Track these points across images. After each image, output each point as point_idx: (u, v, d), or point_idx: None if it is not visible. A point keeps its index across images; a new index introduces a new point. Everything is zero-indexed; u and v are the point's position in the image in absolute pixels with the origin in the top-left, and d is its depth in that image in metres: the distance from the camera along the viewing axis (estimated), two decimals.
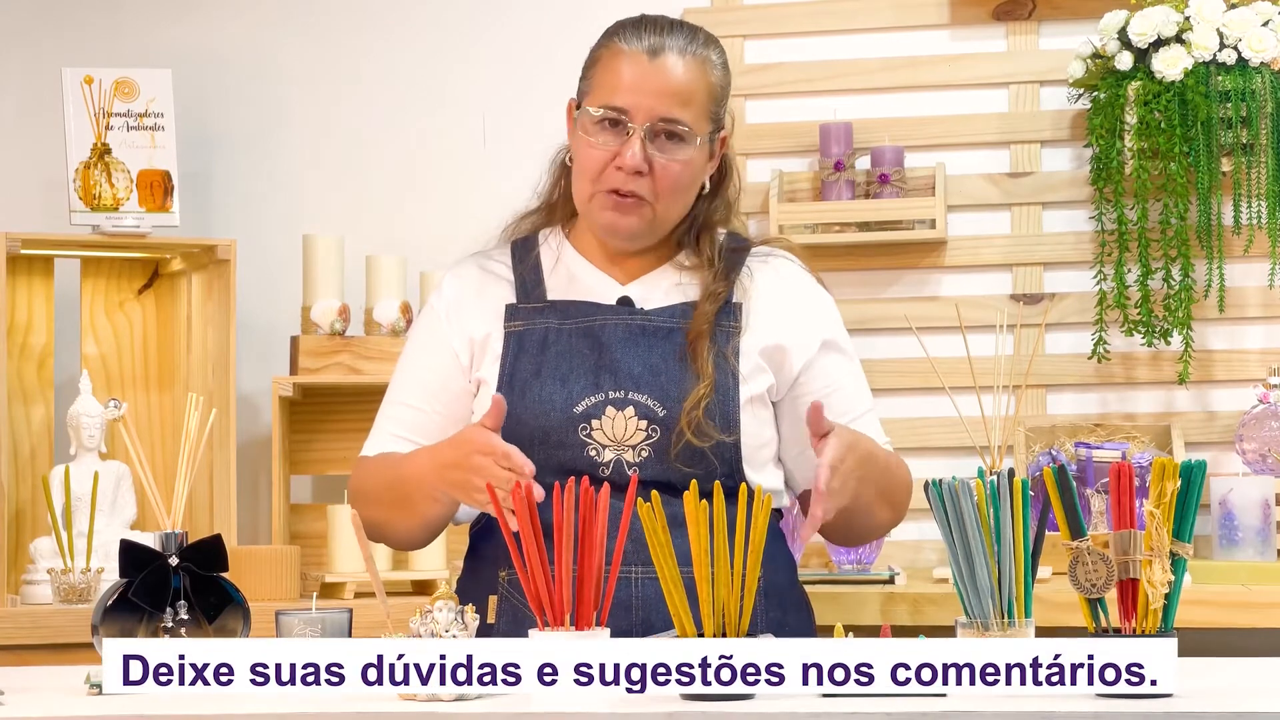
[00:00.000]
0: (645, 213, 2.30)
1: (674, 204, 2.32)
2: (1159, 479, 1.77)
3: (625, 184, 2.28)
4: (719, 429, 2.25)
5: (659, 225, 2.33)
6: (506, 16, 3.52)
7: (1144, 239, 3.21)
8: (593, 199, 2.31)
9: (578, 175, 2.34)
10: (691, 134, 2.29)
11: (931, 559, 3.30)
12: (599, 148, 2.29)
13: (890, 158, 3.31)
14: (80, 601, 2.99)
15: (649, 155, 2.27)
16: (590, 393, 2.26)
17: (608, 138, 2.28)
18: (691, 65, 2.29)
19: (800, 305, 2.38)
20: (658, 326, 2.30)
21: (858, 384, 2.38)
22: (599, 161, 2.29)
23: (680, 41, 2.30)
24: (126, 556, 1.98)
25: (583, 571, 1.84)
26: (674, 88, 2.28)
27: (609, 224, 2.31)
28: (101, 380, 3.36)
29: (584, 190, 2.32)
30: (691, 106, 2.29)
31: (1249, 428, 3.14)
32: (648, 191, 2.29)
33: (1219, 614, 2.80)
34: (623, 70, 2.28)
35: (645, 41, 2.29)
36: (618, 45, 2.31)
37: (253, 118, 3.56)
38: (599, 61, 2.33)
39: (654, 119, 2.27)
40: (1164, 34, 3.15)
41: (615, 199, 2.29)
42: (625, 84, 2.28)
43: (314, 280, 3.30)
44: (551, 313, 2.33)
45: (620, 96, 2.28)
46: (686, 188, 2.32)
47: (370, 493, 2.32)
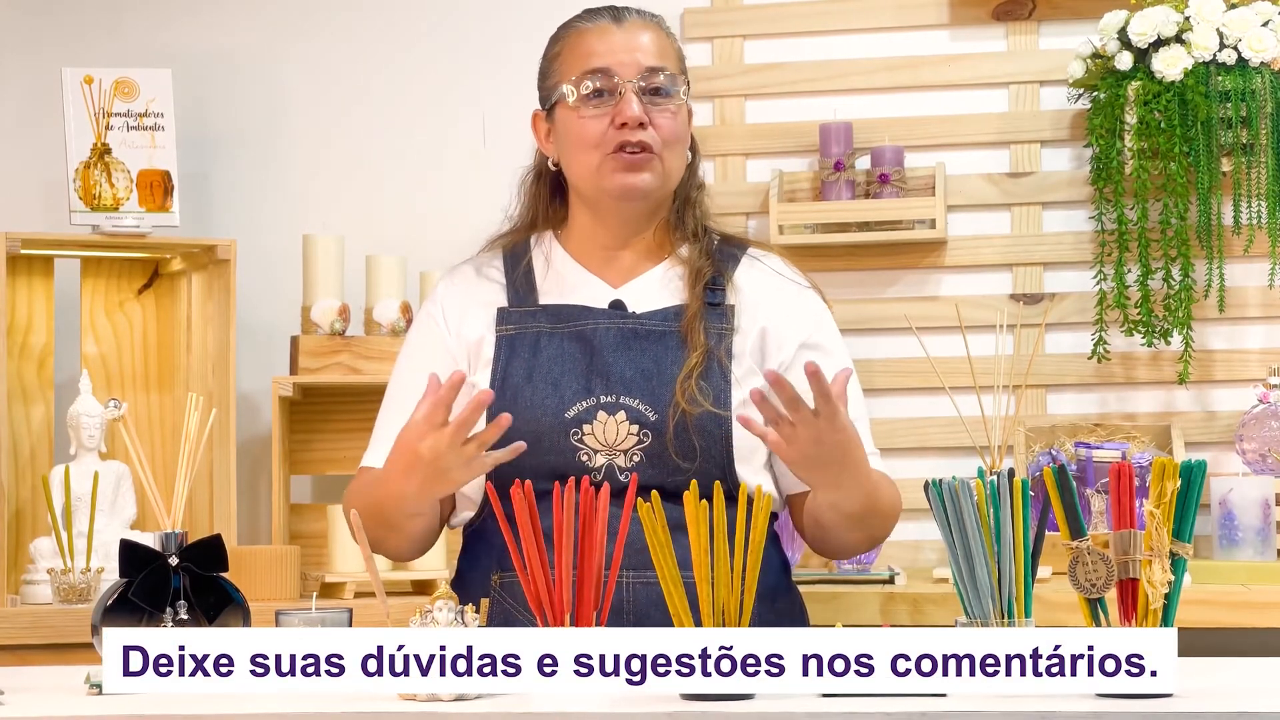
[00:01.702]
0: (655, 165, 2.33)
1: (676, 155, 2.35)
2: (1159, 479, 1.77)
3: (632, 136, 2.30)
4: (711, 400, 2.25)
5: (667, 181, 2.36)
6: (507, 17, 3.52)
7: (1144, 239, 3.21)
8: (600, 166, 2.32)
9: (577, 151, 2.34)
10: (675, 84, 2.34)
11: (931, 559, 3.30)
12: (593, 117, 2.31)
13: (890, 158, 3.31)
14: (80, 601, 2.99)
15: (645, 108, 2.30)
16: (582, 397, 2.26)
17: (598, 106, 2.31)
18: (656, 30, 2.37)
19: (784, 305, 2.38)
20: (649, 330, 2.30)
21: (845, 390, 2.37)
22: (598, 128, 2.31)
23: (636, 12, 2.38)
24: (126, 556, 1.98)
25: (582, 573, 1.84)
26: (648, 43, 2.34)
27: (623, 185, 2.32)
28: (101, 380, 3.36)
29: (588, 162, 2.33)
30: (668, 59, 2.35)
31: (1249, 428, 3.14)
32: (654, 142, 2.31)
33: (1219, 614, 2.80)
34: (593, 42, 2.34)
35: (605, 15, 2.36)
36: (579, 26, 2.37)
37: (253, 118, 3.56)
38: (562, 52, 2.37)
39: (640, 71, 2.31)
40: (1164, 34, 3.15)
41: (625, 158, 2.30)
42: (600, 50, 2.33)
43: (314, 280, 3.30)
44: (543, 316, 2.33)
45: (600, 60, 2.32)
46: (683, 138, 2.37)
47: (362, 514, 2.31)
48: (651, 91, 2.31)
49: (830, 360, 2.33)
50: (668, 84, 2.32)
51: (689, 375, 2.25)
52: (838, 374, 2.09)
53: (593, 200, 2.36)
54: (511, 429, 2.25)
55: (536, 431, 2.24)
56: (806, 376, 2.01)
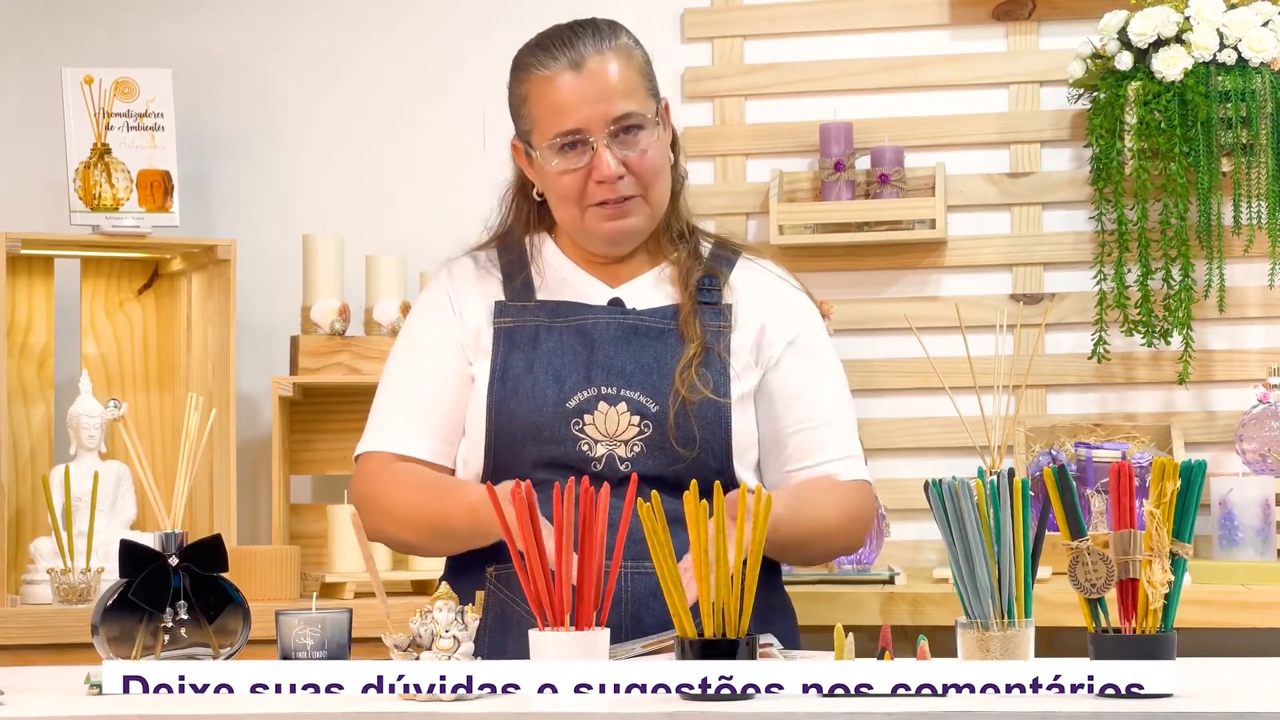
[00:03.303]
0: (640, 207, 2.33)
1: (660, 187, 2.35)
2: (1159, 479, 1.77)
3: (612, 193, 2.30)
4: (711, 389, 2.25)
5: (655, 212, 2.36)
6: (507, 16, 3.52)
7: (1144, 239, 3.21)
8: (585, 218, 2.32)
9: (560, 204, 2.34)
10: (647, 119, 2.31)
11: (931, 559, 3.30)
12: (569, 172, 2.30)
13: (890, 158, 3.31)
14: (80, 601, 2.99)
15: (620, 157, 2.28)
16: (583, 387, 2.27)
17: (573, 159, 2.30)
18: (614, 58, 2.31)
19: (778, 304, 2.39)
20: (649, 326, 2.31)
21: (823, 390, 2.36)
22: (576, 184, 2.31)
23: (592, 42, 2.31)
24: (126, 556, 1.97)
25: (583, 571, 1.84)
26: (611, 87, 2.29)
27: (612, 233, 2.33)
28: (101, 380, 3.36)
29: (572, 215, 2.33)
30: (634, 95, 2.31)
31: (1249, 428, 3.14)
32: (635, 188, 2.31)
33: (1219, 614, 2.80)
34: (556, 94, 2.29)
35: (563, 58, 2.30)
36: (538, 73, 2.32)
37: (253, 118, 3.56)
38: (528, 98, 2.34)
39: (608, 123, 2.28)
40: (1164, 34, 3.15)
41: (610, 209, 2.31)
42: (565, 105, 2.29)
43: (314, 280, 3.30)
44: (541, 311, 2.34)
45: (568, 119, 2.29)
46: (664, 167, 2.35)
47: (403, 516, 2.30)
48: (624, 131, 2.30)
49: (811, 363, 2.35)
50: (638, 122, 2.30)
51: (688, 365, 2.26)
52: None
53: (583, 242, 2.37)
54: (512, 418, 2.26)
55: (538, 422, 2.25)
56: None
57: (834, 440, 2.34)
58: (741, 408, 2.30)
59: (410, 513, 2.29)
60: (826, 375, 2.37)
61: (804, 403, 2.33)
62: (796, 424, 2.33)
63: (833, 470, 2.34)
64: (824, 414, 2.34)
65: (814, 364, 2.36)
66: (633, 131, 2.30)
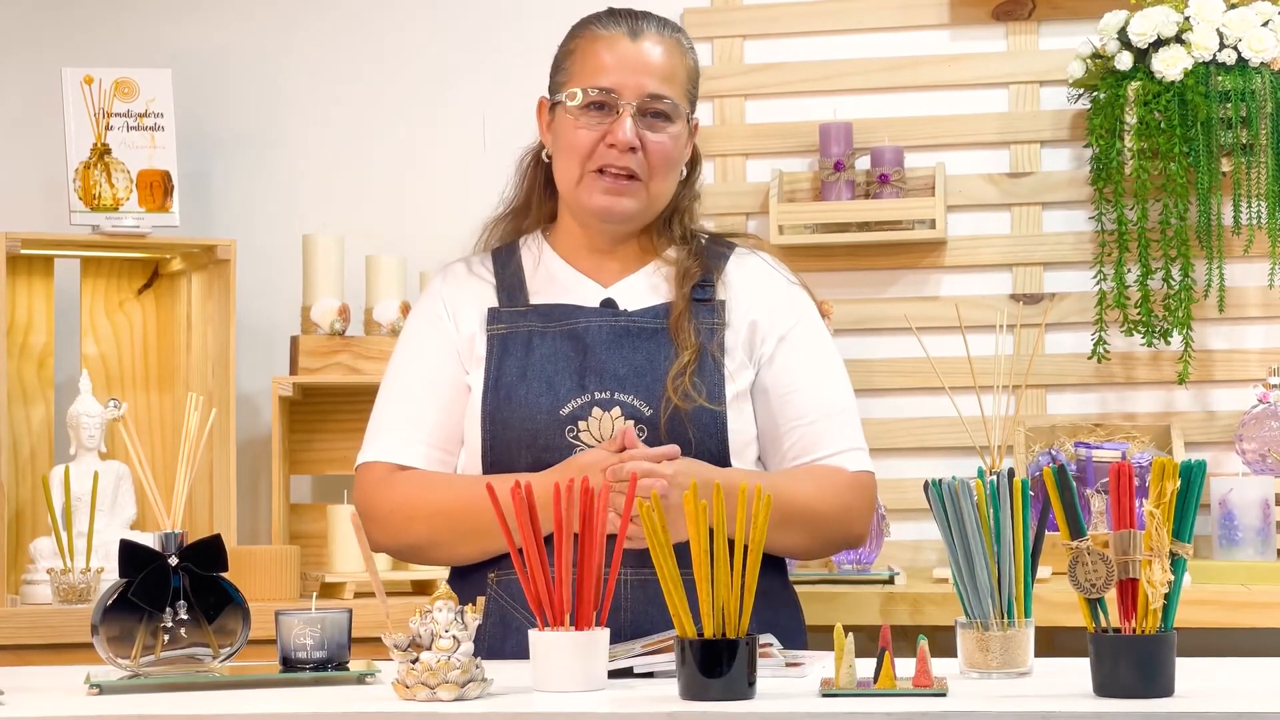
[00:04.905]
0: (639, 192, 2.32)
1: (664, 181, 2.35)
2: (1159, 479, 1.77)
3: (619, 160, 2.30)
4: (705, 396, 2.25)
5: (652, 205, 2.36)
6: (507, 17, 3.52)
7: (1144, 239, 3.21)
8: (582, 181, 2.32)
9: (565, 158, 2.34)
10: (677, 110, 2.33)
11: (931, 559, 3.30)
12: (588, 128, 2.30)
13: (890, 158, 3.31)
14: (80, 601, 2.99)
15: (639, 132, 2.29)
16: (576, 394, 2.26)
17: (595, 119, 2.31)
18: (670, 45, 2.35)
19: (771, 298, 2.38)
20: (641, 327, 2.31)
21: (820, 385, 2.35)
22: (589, 141, 2.31)
23: (655, 25, 2.36)
24: (126, 556, 1.97)
25: (583, 572, 1.84)
26: (657, 65, 2.32)
27: (604, 207, 2.32)
28: (101, 380, 3.36)
29: (572, 173, 2.33)
30: (674, 84, 2.34)
31: (1249, 428, 3.14)
32: (641, 168, 2.31)
33: (1219, 614, 2.80)
34: (603, 53, 2.32)
35: (623, 25, 2.34)
36: (595, 31, 2.35)
37: (252, 118, 3.56)
38: (575, 51, 2.36)
39: (641, 95, 2.31)
40: (1164, 34, 3.15)
41: (609, 180, 2.31)
42: (609, 64, 2.31)
43: (314, 280, 3.30)
44: (534, 316, 2.33)
45: (606, 76, 2.31)
46: (675, 164, 2.36)
47: (423, 514, 2.28)
48: (651, 114, 2.31)
49: (805, 358, 2.34)
50: (668, 109, 2.32)
51: (681, 372, 2.25)
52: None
53: (574, 209, 2.37)
54: (507, 427, 2.25)
55: (532, 429, 2.25)
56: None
57: (830, 434, 2.33)
58: (737, 406, 2.30)
59: (431, 508, 2.26)
60: (822, 369, 2.36)
61: (799, 398, 2.33)
62: (792, 420, 2.32)
63: (832, 464, 2.33)
64: (819, 409, 2.33)
65: (808, 358, 2.35)
66: (660, 117, 2.32)
